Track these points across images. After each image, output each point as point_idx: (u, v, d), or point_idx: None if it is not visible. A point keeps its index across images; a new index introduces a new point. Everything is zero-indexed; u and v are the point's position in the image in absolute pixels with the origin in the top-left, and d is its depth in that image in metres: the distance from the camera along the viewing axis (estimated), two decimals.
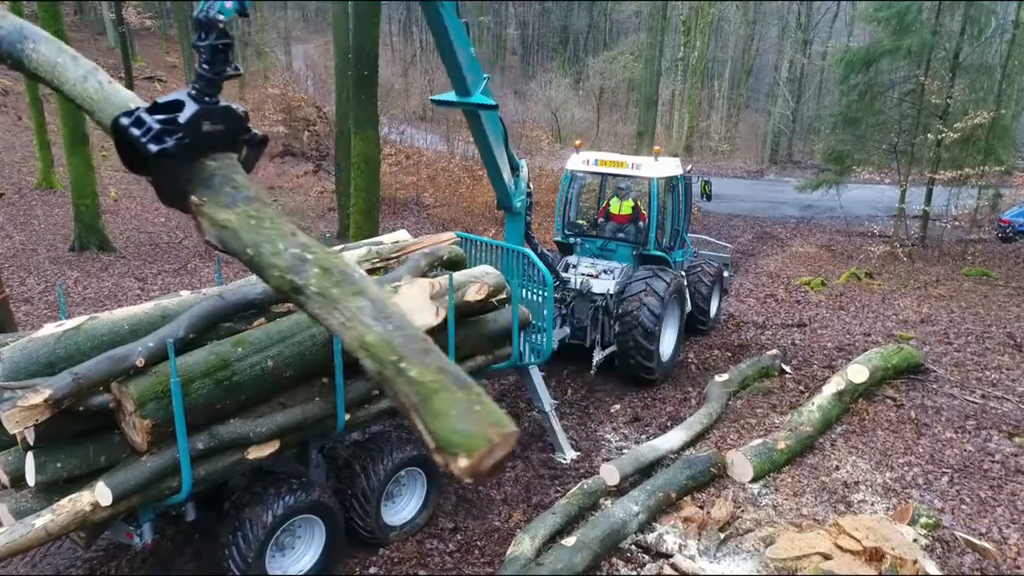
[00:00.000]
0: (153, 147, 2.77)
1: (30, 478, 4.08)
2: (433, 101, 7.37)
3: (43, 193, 16.44)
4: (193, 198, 2.85)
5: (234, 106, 3.17)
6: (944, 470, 6.98)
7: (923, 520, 5.89)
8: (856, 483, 6.78)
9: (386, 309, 2.51)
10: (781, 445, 7.03)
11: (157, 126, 2.81)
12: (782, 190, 27.80)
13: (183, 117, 2.96)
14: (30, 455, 4.06)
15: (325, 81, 29.22)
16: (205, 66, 3.07)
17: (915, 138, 17.31)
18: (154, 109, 2.87)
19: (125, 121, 2.78)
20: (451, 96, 6.87)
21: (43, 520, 3.87)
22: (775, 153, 38.98)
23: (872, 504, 6.46)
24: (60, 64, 3.01)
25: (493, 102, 6.84)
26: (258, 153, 3.35)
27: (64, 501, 3.98)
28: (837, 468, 7.03)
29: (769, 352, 9.94)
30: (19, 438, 4.10)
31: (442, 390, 2.11)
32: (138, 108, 2.86)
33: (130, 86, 27.49)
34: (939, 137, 16.37)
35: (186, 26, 23.30)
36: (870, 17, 19.12)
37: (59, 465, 4.12)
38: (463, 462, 1.93)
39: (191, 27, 3.55)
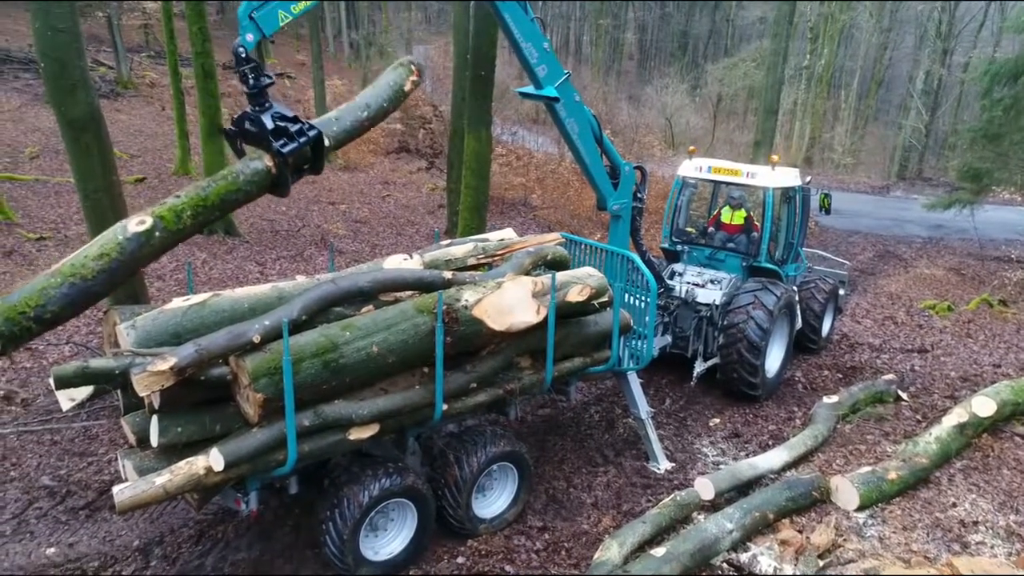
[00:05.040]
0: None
1: (153, 439, 4.40)
2: (517, 92, 7.67)
3: (179, 179, 17.63)
4: None
5: (267, 122, 4.86)
6: None
7: None
8: (975, 523, 6.31)
9: None
10: (892, 475, 6.63)
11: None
12: (909, 208, 26.22)
13: (236, 116, 5.01)
14: (154, 418, 4.38)
15: (443, 81, 29.93)
16: (244, 86, 4.88)
17: None
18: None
19: None
20: (531, 89, 7.07)
21: (162, 479, 4.17)
22: (904, 169, 36.79)
23: (992, 547, 5.99)
24: None
25: (557, 95, 6.97)
26: (279, 160, 4.94)
27: (182, 463, 4.27)
28: (954, 505, 6.57)
29: (885, 376, 9.39)
30: (146, 401, 4.43)
31: None
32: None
33: None
34: None
35: (316, 26, 24.44)
36: (1021, 26, 17.74)
37: (179, 430, 4.42)
38: None
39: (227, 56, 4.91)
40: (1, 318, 4.14)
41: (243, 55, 4.81)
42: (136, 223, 4.56)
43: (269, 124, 4.86)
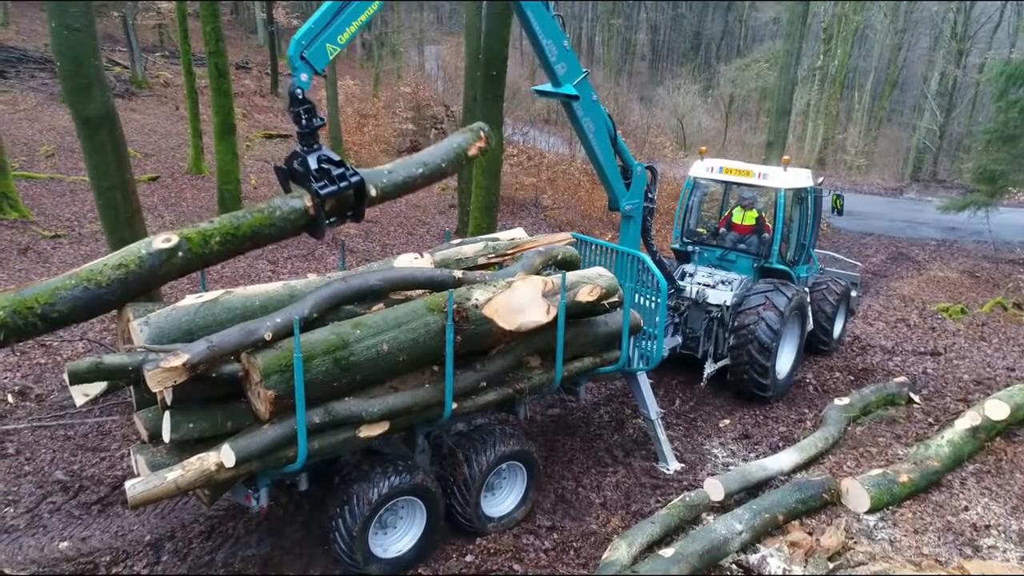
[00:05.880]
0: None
1: (165, 435, 4.43)
2: (534, 91, 7.70)
3: (192, 178, 17.76)
4: None
5: (311, 162, 4.99)
6: None
7: None
8: (987, 527, 6.26)
9: None
10: (903, 478, 6.59)
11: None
12: (923, 210, 26.03)
13: (289, 155, 5.12)
14: (167, 414, 4.42)
15: (454, 81, 29.98)
16: (296, 126, 5.01)
17: None
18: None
19: None
20: (547, 87, 7.10)
21: (174, 474, 4.20)
22: (917, 170, 36.48)
23: (1004, 551, 5.95)
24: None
25: (576, 93, 6.99)
26: (317, 201, 5.04)
27: (193, 459, 4.30)
28: (966, 509, 6.52)
29: (896, 379, 9.34)
30: (159, 397, 4.46)
31: None
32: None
33: (275, 82, 29.25)
34: None
35: None
36: None
37: (191, 426, 4.46)
38: None
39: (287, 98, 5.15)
40: (9, 309, 4.21)
41: (300, 96, 4.96)
42: (162, 240, 4.65)
43: (313, 164, 5.00)
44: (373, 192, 5.38)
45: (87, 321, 5.03)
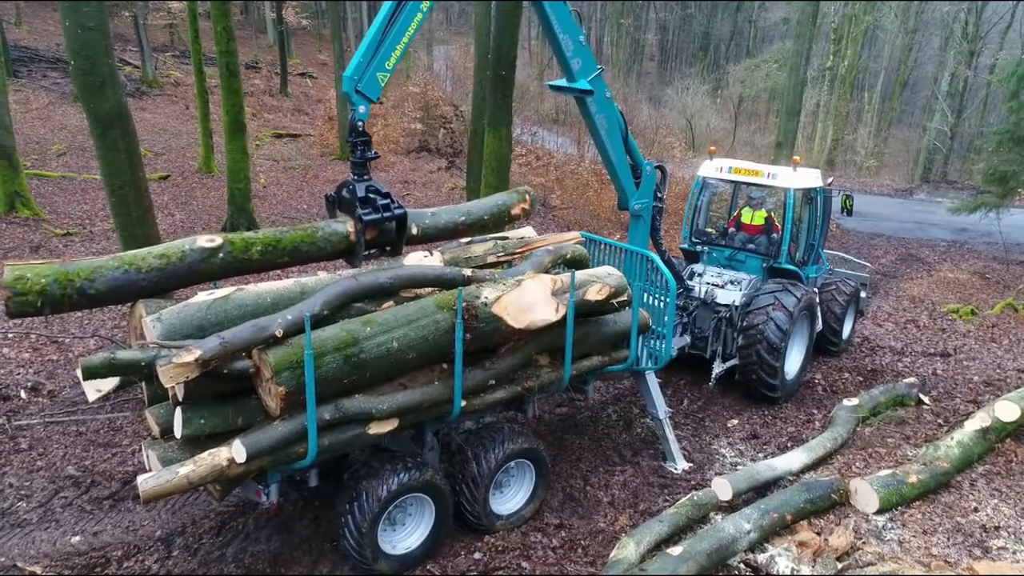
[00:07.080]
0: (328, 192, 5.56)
1: (177, 431, 4.47)
2: (548, 86, 7.78)
3: (202, 176, 17.86)
4: None
5: (359, 190, 5.29)
6: None
7: None
8: (997, 528, 6.24)
9: None
10: (913, 479, 6.57)
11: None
12: (933, 211, 25.90)
13: (340, 183, 5.44)
14: (178, 410, 4.45)
15: (463, 81, 30.04)
16: (351, 156, 5.32)
17: None
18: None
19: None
20: (562, 82, 7.16)
21: (186, 469, 4.23)
22: (928, 171, 36.30)
23: (1014, 552, 5.93)
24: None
25: (590, 88, 7.05)
26: (359, 226, 5.34)
27: (205, 454, 4.33)
28: (976, 510, 6.50)
29: (906, 380, 9.31)
30: (170, 393, 4.50)
31: None
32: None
33: (284, 81, 29.37)
34: None
35: (338, 26, 24.56)
36: None
37: (202, 421, 4.49)
38: None
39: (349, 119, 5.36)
40: (51, 278, 4.31)
41: (360, 128, 5.24)
42: (206, 239, 4.83)
43: (360, 192, 5.30)
44: (414, 230, 5.68)
45: (117, 305, 5.12)
